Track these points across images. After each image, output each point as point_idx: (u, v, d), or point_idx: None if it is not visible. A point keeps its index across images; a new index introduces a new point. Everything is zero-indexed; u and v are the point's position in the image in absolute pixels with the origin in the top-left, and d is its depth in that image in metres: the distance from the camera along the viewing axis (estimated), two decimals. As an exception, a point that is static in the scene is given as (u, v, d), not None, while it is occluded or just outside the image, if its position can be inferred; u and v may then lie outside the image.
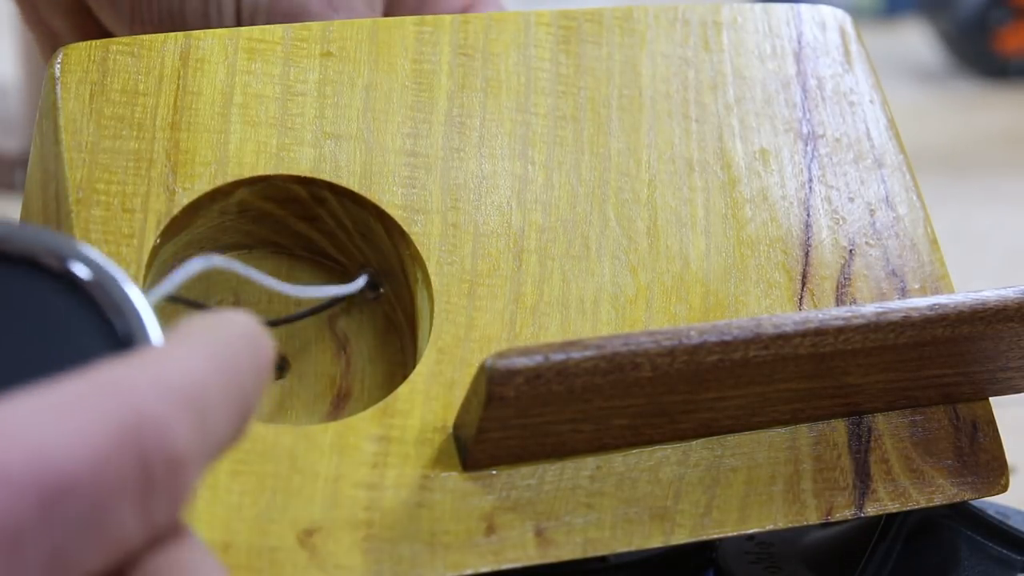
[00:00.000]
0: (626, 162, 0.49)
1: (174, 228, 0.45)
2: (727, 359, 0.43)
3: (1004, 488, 0.48)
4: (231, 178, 0.46)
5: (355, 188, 0.47)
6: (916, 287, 0.50)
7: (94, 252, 0.33)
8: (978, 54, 1.46)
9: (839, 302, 0.49)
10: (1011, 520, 0.50)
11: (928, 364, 0.46)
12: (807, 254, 0.49)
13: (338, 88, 0.48)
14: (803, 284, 0.49)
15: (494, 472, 0.43)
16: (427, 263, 0.46)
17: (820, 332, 0.43)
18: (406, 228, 0.46)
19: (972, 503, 0.49)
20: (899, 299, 0.47)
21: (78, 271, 0.32)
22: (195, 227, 0.46)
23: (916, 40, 1.55)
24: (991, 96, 1.41)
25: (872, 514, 0.47)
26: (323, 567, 0.41)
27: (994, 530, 0.49)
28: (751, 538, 0.51)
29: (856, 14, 0.83)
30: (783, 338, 0.43)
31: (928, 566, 0.49)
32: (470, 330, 0.45)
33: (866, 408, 0.47)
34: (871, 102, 0.53)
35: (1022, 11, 1.46)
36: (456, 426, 0.44)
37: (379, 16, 0.55)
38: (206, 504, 0.41)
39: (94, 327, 0.32)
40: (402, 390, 0.44)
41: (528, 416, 0.42)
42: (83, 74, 0.46)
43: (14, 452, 0.27)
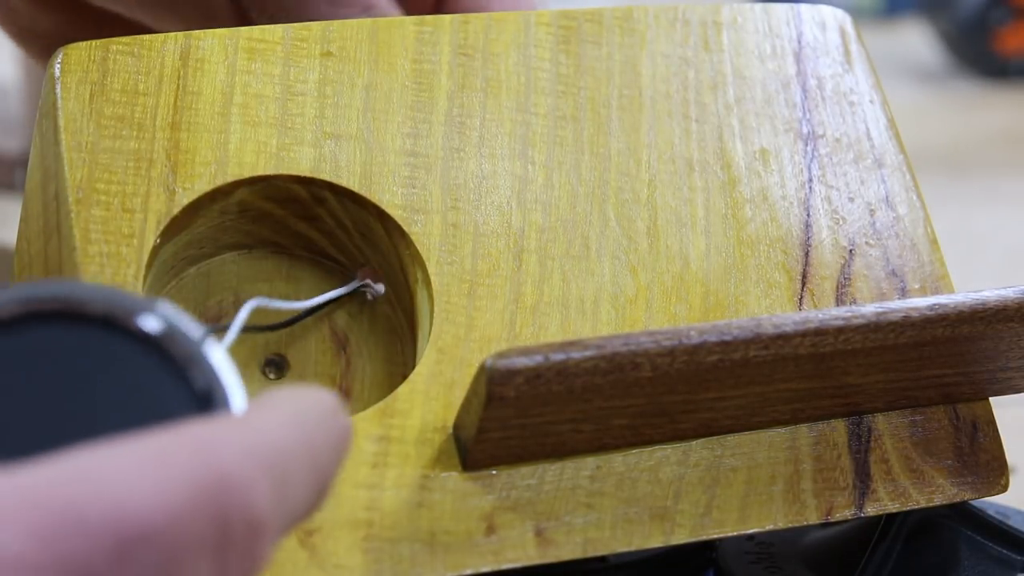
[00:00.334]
0: (626, 162, 0.49)
1: (174, 228, 0.45)
2: (727, 359, 0.43)
3: (1004, 488, 0.48)
4: (231, 178, 0.46)
5: (355, 188, 0.47)
6: (916, 287, 0.50)
7: (169, 307, 0.33)
8: (978, 54, 1.46)
9: (839, 302, 0.49)
10: (1011, 520, 0.50)
11: (928, 364, 0.46)
12: (807, 254, 0.49)
13: (338, 88, 0.48)
14: (803, 284, 0.49)
15: (494, 472, 0.43)
16: (427, 263, 0.46)
17: (820, 332, 0.43)
18: (406, 228, 0.46)
19: (972, 503, 0.49)
20: (899, 299, 0.47)
21: (154, 328, 0.33)
22: (195, 227, 0.46)
23: (916, 40, 1.55)
24: (991, 96, 1.41)
25: (872, 514, 0.47)
26: (323, 567, 0.41)
27: (994, 530, 0.49)
28: (751, 538, 0.51)
29: (856, 14, 0.83)
30: (783, 338, 0.43)
31: (928, 566, 0.49)
32: (470, 330, 0.45)
33: (866, 408, 0.47)
34: (871, 102, 0.53)
35: (1022, 11, 1.46)
36: (456, 426, 0.44)
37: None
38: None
39: (172, 383, 0.32)
40: (402, 390, 0.44)
41: (528, 416, 0.42)
42: (83, 74, 0.46)
43: (94, 498, 0.27)
